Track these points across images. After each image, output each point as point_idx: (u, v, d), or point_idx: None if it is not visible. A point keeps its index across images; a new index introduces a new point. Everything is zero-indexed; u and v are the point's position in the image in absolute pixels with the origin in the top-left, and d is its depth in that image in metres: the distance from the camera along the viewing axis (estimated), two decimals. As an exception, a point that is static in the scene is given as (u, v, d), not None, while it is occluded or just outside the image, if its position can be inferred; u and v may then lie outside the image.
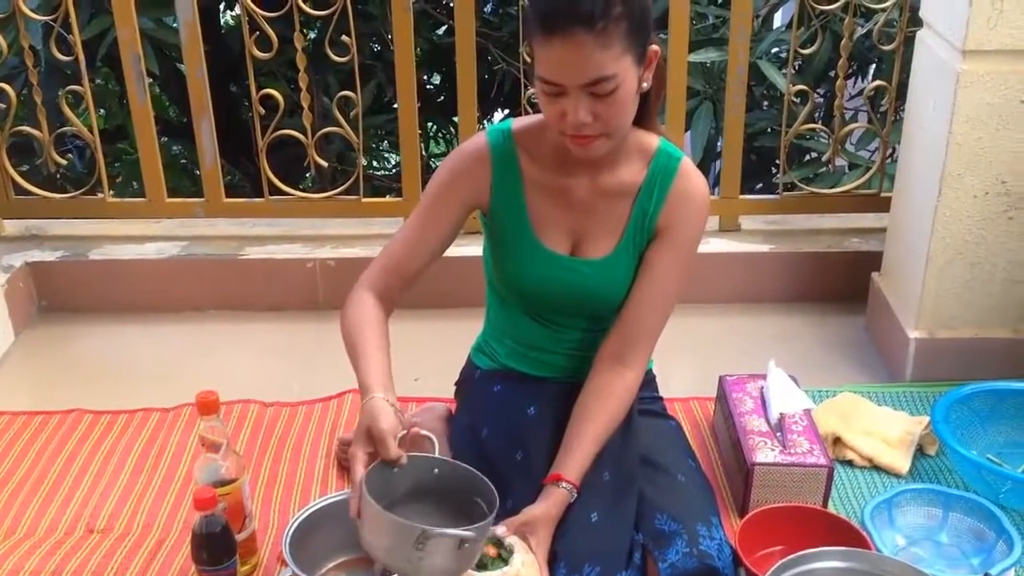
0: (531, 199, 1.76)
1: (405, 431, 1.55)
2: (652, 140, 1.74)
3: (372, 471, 1.50)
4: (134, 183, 4.28)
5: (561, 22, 1.49)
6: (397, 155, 5.41)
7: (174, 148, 4.63)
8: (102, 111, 4.40)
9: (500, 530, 1.60)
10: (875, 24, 2.71)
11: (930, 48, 2.29)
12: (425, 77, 4.61)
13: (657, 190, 1.74)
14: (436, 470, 1.59)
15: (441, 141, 5.43)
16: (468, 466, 1.60)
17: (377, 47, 4.27)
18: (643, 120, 1.71)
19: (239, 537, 1.76)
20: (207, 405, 1.74)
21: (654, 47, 1.59)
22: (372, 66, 4.05)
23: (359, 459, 1.51)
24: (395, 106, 4.14)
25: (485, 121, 4.64)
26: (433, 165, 4.79)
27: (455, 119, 4.79)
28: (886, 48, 2.67)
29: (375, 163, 5.28)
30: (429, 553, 1.42)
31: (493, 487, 1.55)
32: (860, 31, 3.15)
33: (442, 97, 4.68)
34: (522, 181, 1.75)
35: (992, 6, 2.05)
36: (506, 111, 4.67)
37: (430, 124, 4.94)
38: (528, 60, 1.65)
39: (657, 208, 1.74)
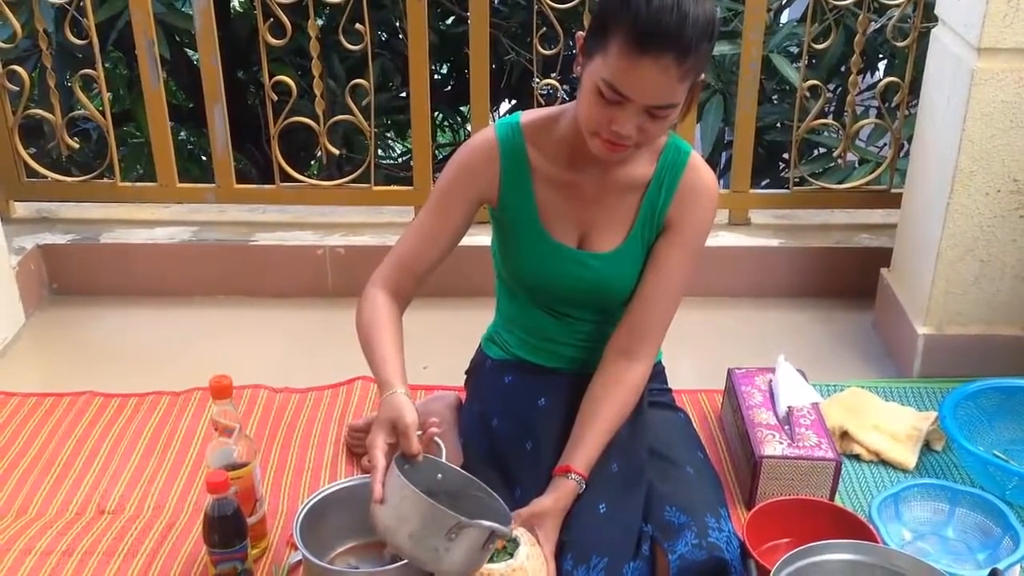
0: (539, 192, 1.76)
1: (422, 431, 1.57)
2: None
3: (392, 462, 1.51)
4: (138, 167, 4.28)
5: (658, 44, 1.48)
6: (400, 143, 5.41)
7: (180, 134, 4.62)
8: (109, 95, 4.38)
9: None
10: (889, 20, 2.71)
11: (945, 45, 2.29)
12: (433, 67, 4.59)
13: (666, 184, 1.74)
14: (440, 475, 1.60)
15: (447, 130, 5.42)
16: (470, 475, 1.62)
17: (384, 35, 4.27)
18: None
19: (250, 520, 1.77)
20: (220, 389, 1.76)
21: (703, 77, 1.61)
22: (379, 54, 4.04)
23: (380, 447, 1.52)
24: (402, 95, 4.17)
25: (492, 111, 4.62)
26: (439, 155, 4.78)
27: (462, 108, 4.81)
28: (900, 44, 2.67)
29: (379, 151, 5.27)
30: (457, 544, 1.44)
31: (500, 499, 1.57)
32: (873, 26, 3.14)
33: (449, 86, 4.67)
34: (531, 174, 1.75)
35: (1008, 3, 2.05)
36: (513, 102, 4.67)
37: (436, 113, 4.93)
38: (580, 52, 1.61)
39: (666, 202, 1.75)
